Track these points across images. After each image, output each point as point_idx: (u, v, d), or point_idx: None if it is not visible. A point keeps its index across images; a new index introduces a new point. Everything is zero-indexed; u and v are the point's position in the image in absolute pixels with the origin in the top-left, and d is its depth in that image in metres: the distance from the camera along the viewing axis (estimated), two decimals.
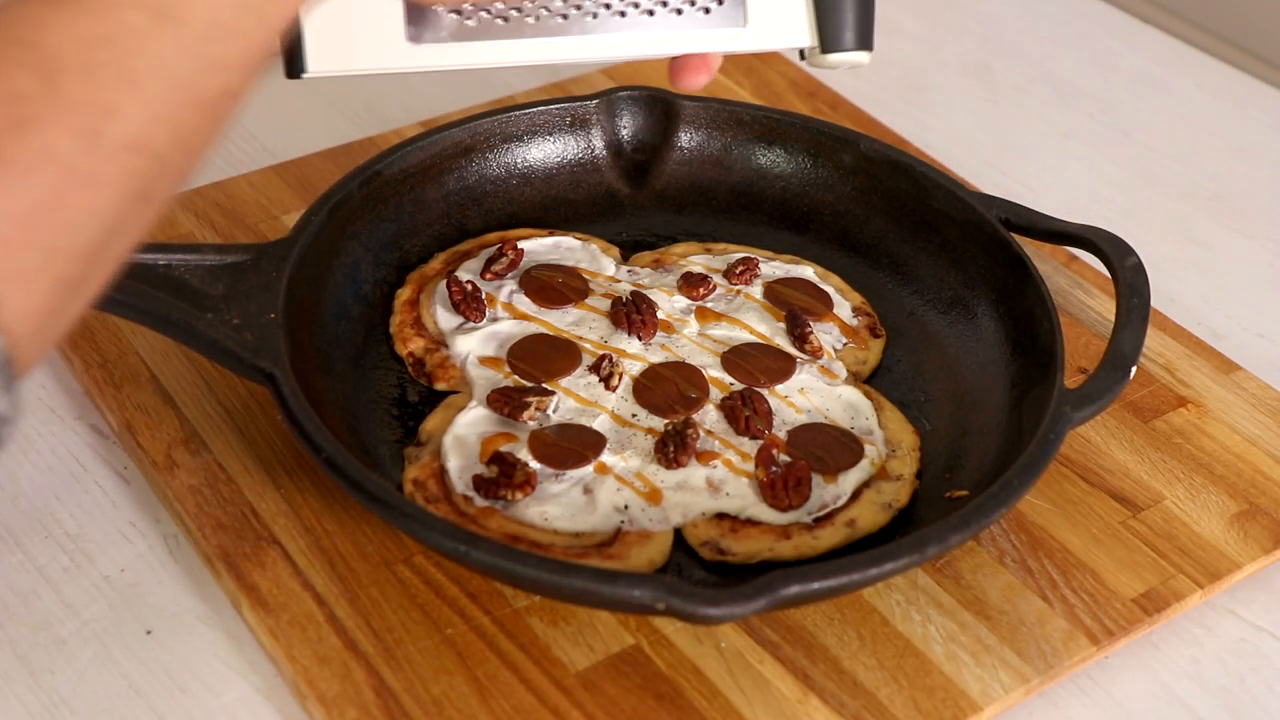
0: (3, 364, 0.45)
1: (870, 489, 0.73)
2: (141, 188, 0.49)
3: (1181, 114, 1.11)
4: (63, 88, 0.46)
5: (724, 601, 0.60)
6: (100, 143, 0.47)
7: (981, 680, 0.66)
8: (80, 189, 0.47)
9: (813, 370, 0.79)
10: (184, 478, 0.73)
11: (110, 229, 0.48)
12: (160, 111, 0.49)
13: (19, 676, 0.66)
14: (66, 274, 0.47)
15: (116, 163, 0.48)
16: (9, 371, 0.45)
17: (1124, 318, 0.75)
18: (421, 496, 0.71)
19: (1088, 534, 0.73)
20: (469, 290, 0.81)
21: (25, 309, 0.46)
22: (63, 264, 0.47)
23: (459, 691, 0.64)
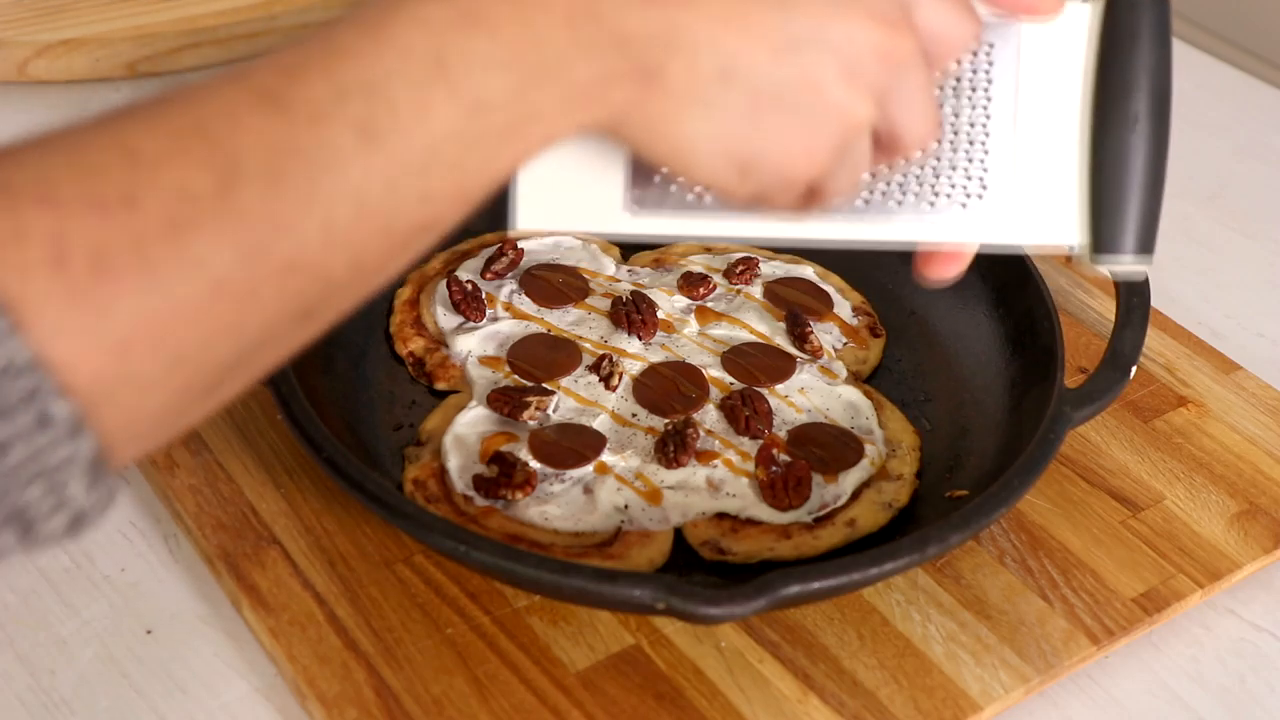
0: (91, 463, 0.41)
1: (870, 489, 0.73)
2: (303, 309, 0.45)
3: (1181, 114, 1.11)
4: (237, 196, 0.42)
5: (724, 601, 0.60)
6: (263, 261, 0.43)
7: (981, 680, 0.66)
8: (227, 304, 0.43)
9: (813, 370, 0.79)
10: (184, 477, 0.73)
11: (257, 345, 0.45)
12: (342, 237, 0.44)
13: (19, 676, 0.66)
14: (195, 384, 0.44)
15: (276, 283, 0.43)
16: (98, 471, 0.42)
17: (1124, 318, 0.75)
18: (421, 496, 0.71)
19: (1088, 534, 0.73)
20: (469, 290, 0.81)
21: (135, 413, 0.43)
22: (191, 373, 0.43)
23: (459, 691, 0.64)
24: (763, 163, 0.52)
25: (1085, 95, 0.60)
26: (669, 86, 0.49)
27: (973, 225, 0.60)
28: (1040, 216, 0.60)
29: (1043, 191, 0.60)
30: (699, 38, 0.49)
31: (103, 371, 0.41)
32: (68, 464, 0.41)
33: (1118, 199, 0.59)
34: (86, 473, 0.41)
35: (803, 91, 0.50)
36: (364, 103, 0.44)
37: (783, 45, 0.50)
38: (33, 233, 0.40)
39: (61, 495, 0.41)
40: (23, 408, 0.39)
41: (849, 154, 0.53)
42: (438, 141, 0.45)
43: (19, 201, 0.40)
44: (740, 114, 0.50)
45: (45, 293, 0.40)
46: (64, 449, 0.41)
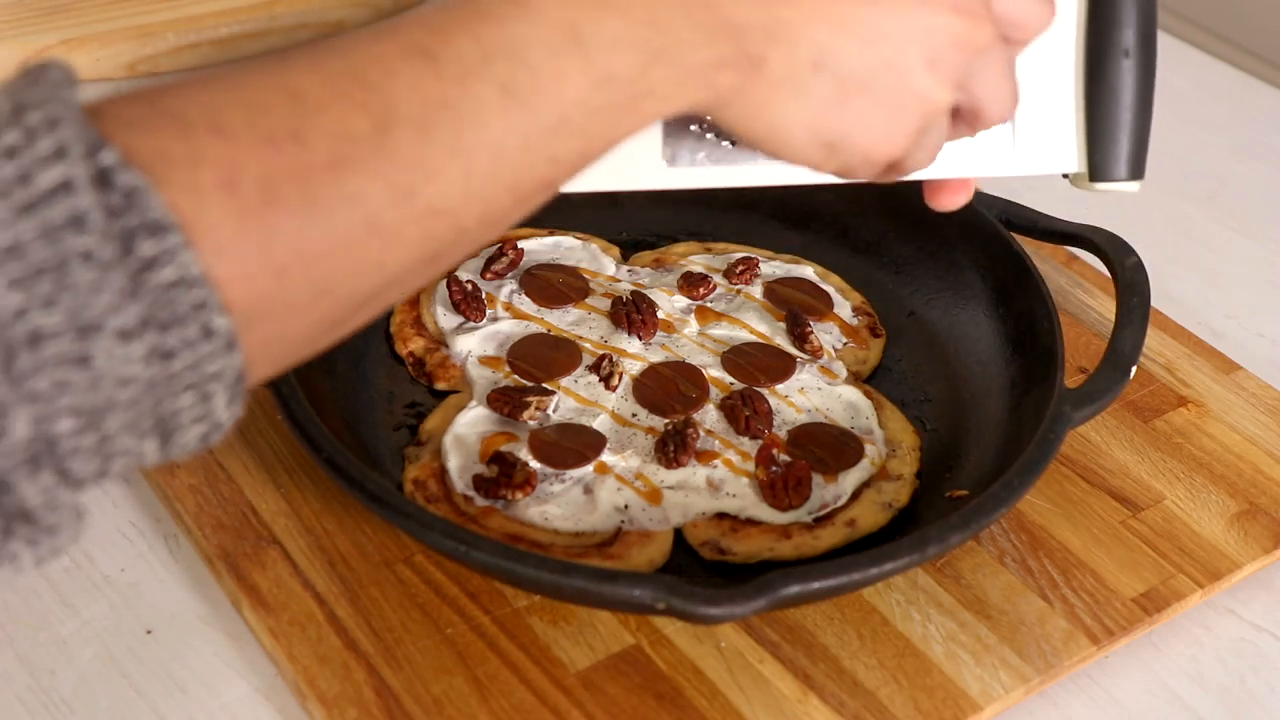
0: (236, 380, 0.45)
1: (870, 489, 0.73)
2: (434, 253, 0.48)
3: (1181, 114, 1.11)
4: (391, 140, 0.46)
5: (724, 601, 0.60)
6: (410, 202, 0.46)
7: (981, 680, 0.66)
8: (376, 240, 0.46)
9: (813, 370, 0.79)
10: (184, 477, 0.73)
11: (390, 282, 0.48)
12: (479, 187, 0.48)
13: (19, 676, 0.66)
14: (332, 314, 0.47)
15: (419, 225, 0.47)
16: (238, 387, 0.45)
17: (1124, 317, 0.75)
18: (422, 496, 0.71)
19: (1088, 534, 0.73)
20: (469, 290, 0.81)
21: (278, 336, 0.46)
22: (332, 304, 0.47)
23: (459, 691, 0.64)
24: (849, 143, 0.56)
25: (1080, 32, 0.64)
26: (769, 74, 0.53)
27: (982, 158, 0.64)
28: (1042, 146, 0.65)
29: (1044, 123, 0.64)
30: (797, 30, 0.53)
31: (259, 294, 0.44)
32: (218, 377, 0.44)
33: (1112, 127, 0.65)
34: (230, 387, 0.45)
35: (888, 78, 0.55)
36: (507, 64, 0.48)
37: (871, 37, 0.54)
38: (207, 159, 0.43)
39: (207, 406, 0.45)
40: (191, 318, 0.43)
41: (929, 134, 0.57)
42: (568, 107, 0.49)
43: (194, 131, 0.43)
44: (830, 100, 0.54)
45: (216, 215, 0.43)
46: (219, 362, 0.44)
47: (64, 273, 0.41)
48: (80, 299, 0.41)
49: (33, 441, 0.41)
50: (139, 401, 0.43)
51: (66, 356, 0.41)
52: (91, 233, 0.41)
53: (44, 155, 0.41)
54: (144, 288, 0.42)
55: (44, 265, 0.41)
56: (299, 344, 0.48)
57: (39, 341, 0.41)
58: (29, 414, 0.41)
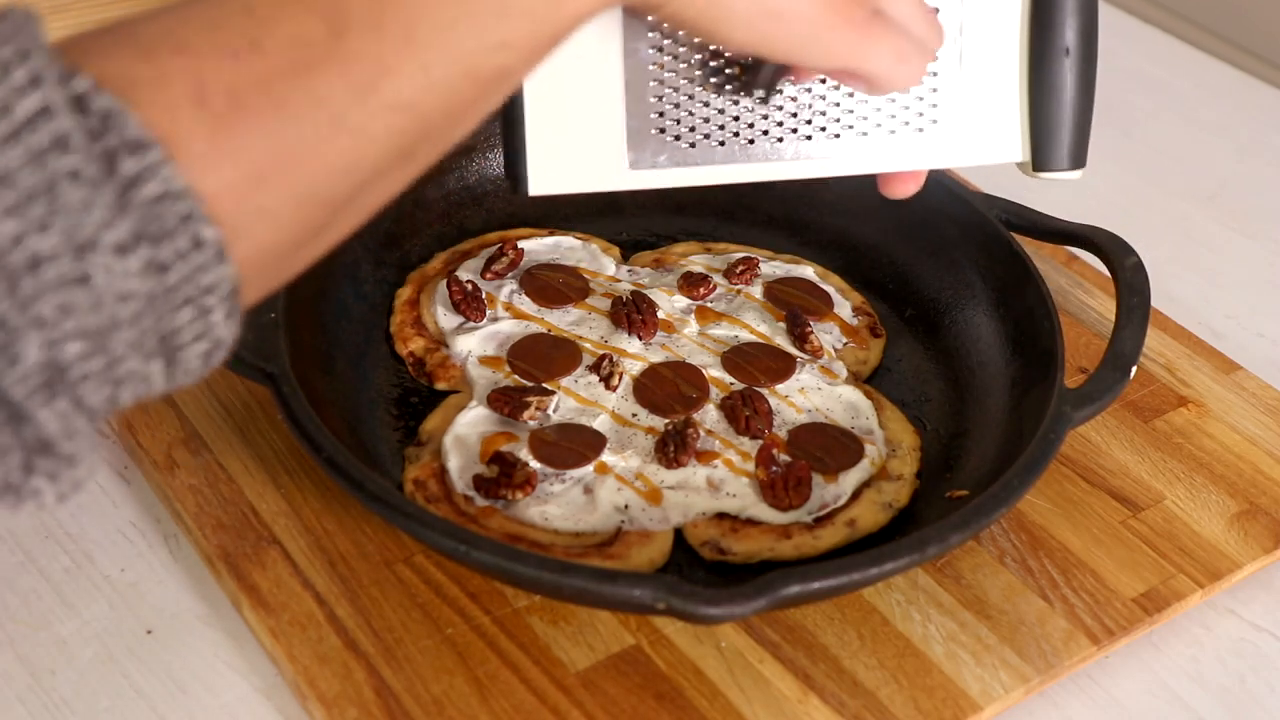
0: (231, 292, 0.46)
1: (870, 489, 0.73)
2: (404, 148, 0.50)
3: (1181, 114, 1.11)
4: (348, 40, 0.47)
5: (724, 601, 0.60)
6: (373, 98, 0.48)
7: (981, 680, 0.66)
8: (345, 139, 0.48)
9: (813, 370, 0.79)
10: (184, 477, 0.73)
11: (365, 183, 0.49)
12: (435, 78, 0.49)
13: (19, 676, 0.66)
14: (313, 219, 0.49)
15: (384, 120, 0.48)
16: (234, 301, 0.46)
17: (1124, 317, 0.75)
18: (422, 496, 0.71)
19: (1088, 534, 0.73)
20: (469, 290, 0.81)
21: (264, 245, 0.47)
22: (312, 209, 0.48)
23: (459, 691, 0.64)
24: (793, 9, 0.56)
25: (1023, 31, 0.68)
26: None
27: (930, 149, 0.68)
28: (987, 137, 0.68)
29: (989, 116, 0.68)
30: None
31: (241, 202, 0.45)
32: (213, 289, 0.45)
33: (1054, 120, 0.68)
34: (226, 300, 0.46)
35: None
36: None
37: None
38: (173, 77, 0.45)
39: (206, 322, 0.46)
40: (180, 230, 0.44)
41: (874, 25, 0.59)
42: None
43: (156, 52, 0.45)
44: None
45: (190, 130, 0.44)
46: (212, 273, 0.45)
47: (55, 194, 0.42)
48: (73, 218, 0.42)
49: (44, 367, 0.42)
50: (141, 319, 0.44)
51: (67, 278, 0.42)
52: (76, 152, 0.42)
53: (19, 85, 0.42)
54: (131, 204, 0.43)
55: (34, 190, 0.42)
56: (287, 255, 0.49)
57: (38, 265, 0.42)
58: (38, 339, 0.42)
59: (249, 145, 0.45)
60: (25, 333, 0.42)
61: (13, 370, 0.42)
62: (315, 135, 0.47)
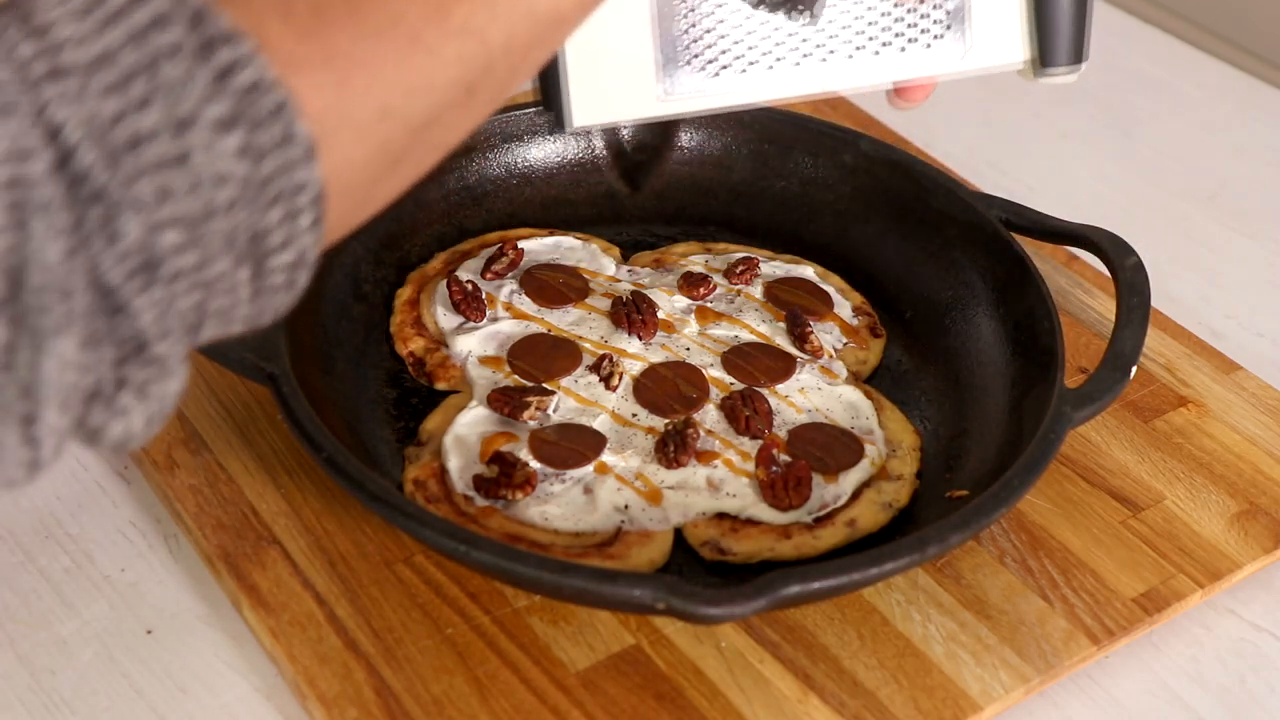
0: (318, 197, 0.47)
1: (870, 489, 0.73)
2: (470, 79, 0.51)
3: (1181, 114, 1.11)
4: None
5: (724, 601, 0.60)
6: (445, 19, 0.50)
7: (981, 680, 0.66)
8: (421, 57, 0.49)
9: (813, 370, 0.79)
10: (184, 477, 0.73)
11: (437, 109, 0.51)
12: (500, 10, 0.51)
13: (19, 676, 0.66)
14: (392, 139, 0.50)
15: (455, 43, 0.50)
16: (320, 209, 0.47)
17: (1124, 317, 0.75)
18: (422, 496, 0.71)
19: (1088, 534, 0.73)
20: (469, 290, 0.81)
21: (348, 158, 0.48)
22: (391, 126, 0.49)
23: (459, 691, 0.64)
24: None
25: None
26: None
27: (940, 59, 0.70)
28: (992, 44, 0.71)
29: (993, 23, 0.70)
30: None
31: (327, 106, 0.47)
32: (303, 189, 0.46)
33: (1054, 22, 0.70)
34: (313, 205, 0.46)
35: None
36: None
37: None
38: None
39: (294, 225, 0.46)
40: (273, 120, 0.45)
41: None
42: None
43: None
44: None
45: (278, 33, 0.46)
46: (302, 171, 0.46)
47: (154, 71, 0.43)
48: (174, 94, 0.43)
49: (142, 248, 0.43)
50: (235, 208, 0.44)
51: (167, 156, 0.43)
52: (175, 27, 0.43)
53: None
54: (228, 89, 0.44)
55: (135, 68, 0.42)
56: (366, 180, 0.50)
57: (139, 144, 0.42)
58: (138, 219, 0.42)
59: (333, 52, 0.47)
60: (126, 210, 0.42)
61: (112, 249, 0.42)
62: (394, 50, 0.49)
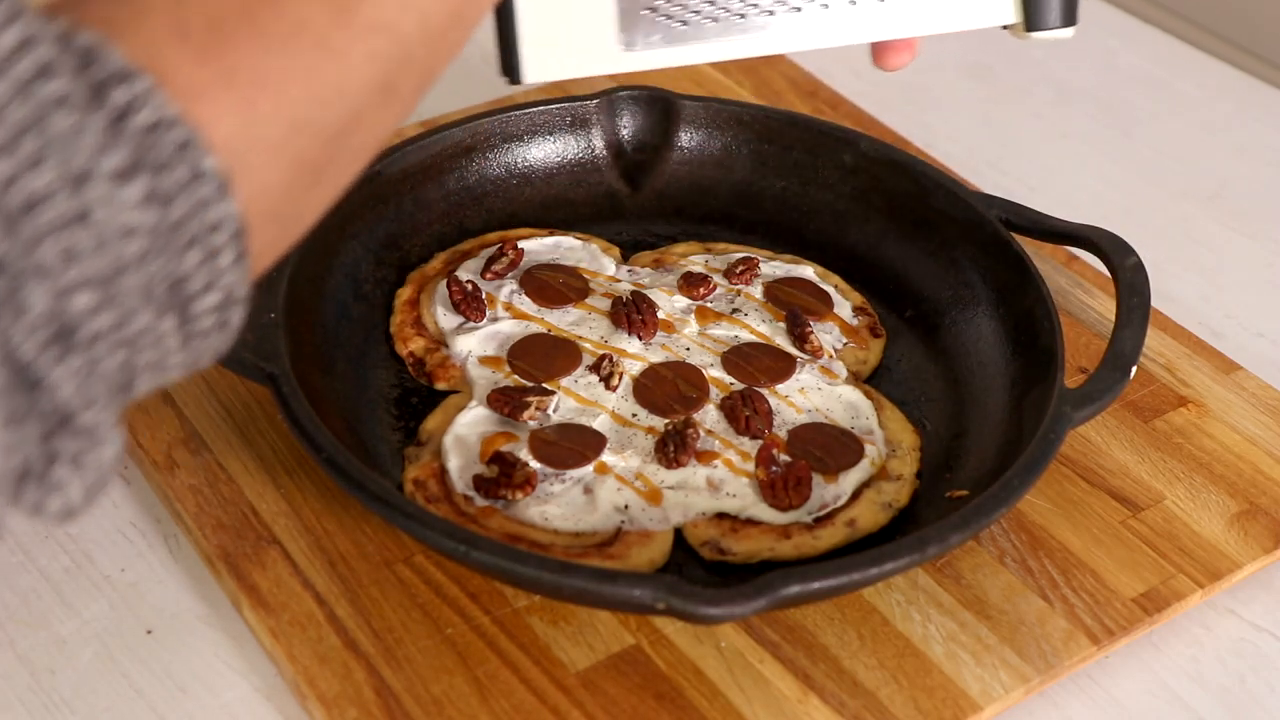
0: (237, 232, 0.44)
1: (870, 489, 0.73)
2: (386, 76, 0.49)
3: (1181, 114, 1.11)
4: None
5: (724, 601, 0.60)
6: (351, 19, 0.47)
7: (981, 680, 0.66)
8: (330, 63, 0.47)
9: (813, 370, 0.79)
10: (184, 477, 0.73)
11: (354, 115, 0.49)
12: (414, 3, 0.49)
13: (19, 676, 0.66)
14: (308, 154, 0.48)
15: (365, 43, 0.48)
16: (241, 243, 0.45)
17: (1124, 317, 0.75)
18: (422, 496, 0.71)
19: (1088, 534, 0.73)
20: (469, 290, 0.81)
21: (265, 182, 0.46)
22: (306, 141, 0.47)
23: (459, 691, 0.64)
24: None
25: None
26: None
27: (923, 15, 0.67)
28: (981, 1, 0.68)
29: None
30: None
31: (234, 130, 0.44)
32: (219, 226, 0.44)
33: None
34: (233, 241, 0.44)
35: None
36: None
37: None
38: (152, 14, 0.44)
39: (214, 266, 0.44)
40: (178, 159, 0.42)
41: None
42: None
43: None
44: None
45: (175, 60, 0.44)
46: (216, 208, 0.43)
47: (44, 125, 0.40)
48: (67, 148, 0.40)
49: (52, 318, 0.41)
50: (147, 260, 0.42)
51: (66, 216, 0.40)
52: (62, 76, 0.41)
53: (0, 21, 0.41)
54: (125, 133, 0.41)
55: (24, 123, 0.40)
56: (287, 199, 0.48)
57: (36, 205, 0.40)
58: (44, 287, 0.40)
59: (235, 71, 0.45)
60: (29, 279, 0.40)
61: (21, 322, 0.40)
62: (300, 59, 0.46)
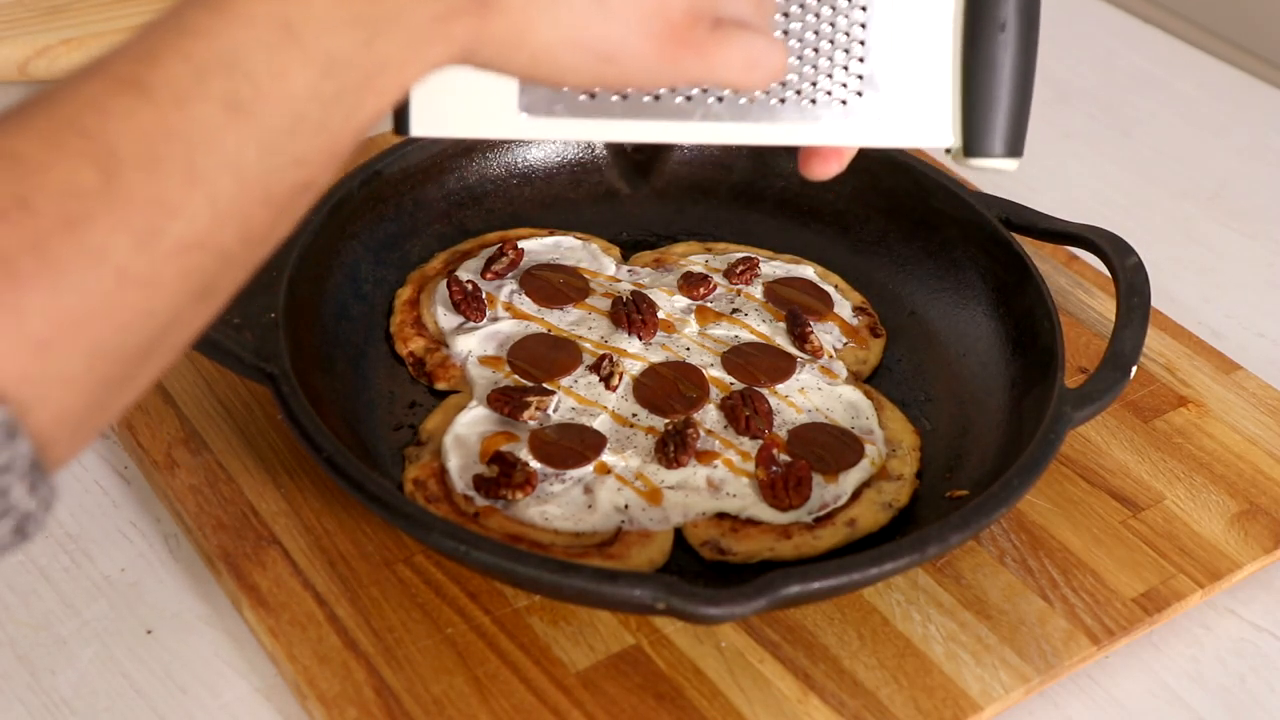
0: (31, 466, 0.42)
1: (870, 489, 0.73)
2: (203, 286, 0.46)
3: (1181, 114, 1.11)
4: (122, 184, 0.43)
5: (724, 601, 0.60)
6: (159, 243, 0.44)
7: (981, 680, 0.66)
8: (134, 291, 0.44)
9: (813, 370, 0.79)
10: (184, 477, 0.73)
11: (164, 328, 0.46)
12: (228, 210, 0.45)
13: (19, 676, 0.66)
14: (113, 374, 0.45)
15: (176, 264, 0.44)
16: (38, 473, 0.43)
17: (1124, 317, 0.75)
18: (422, 496, 0.71)
19: (1088, 534, 0.73)
20: (469, 290, 0.81)
21: (63, 410, 0.43)
22: (110, 365, 0.44)
23: (459, 691, 0.64)
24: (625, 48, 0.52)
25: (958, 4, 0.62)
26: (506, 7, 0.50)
27: (853, 126, 0.62)
28: (916, 118, 0.63)
29: (918, 94, 0.62)
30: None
31: (27, 373, 0.42)
32: (7, 469, 0.42)
33: (987, 103, 0.62)
34: (26, 475, 0.42)
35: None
36: (225, 77, 0.45)
37: None
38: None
39: (5, 502, 0.42)
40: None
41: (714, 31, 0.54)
42: (300, 104, 0.46)
43: None
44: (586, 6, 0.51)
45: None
46: (4, 453, 0.41)
47: None
48: None
49: None
50: None
51: None
52: None
53: None
54: None
55: None
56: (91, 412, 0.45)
57: None
58: None
59: (27, 314, 0.41)
60: None
61: None
62: (100, 292, 0.43)
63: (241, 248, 0.47)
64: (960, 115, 0.63)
